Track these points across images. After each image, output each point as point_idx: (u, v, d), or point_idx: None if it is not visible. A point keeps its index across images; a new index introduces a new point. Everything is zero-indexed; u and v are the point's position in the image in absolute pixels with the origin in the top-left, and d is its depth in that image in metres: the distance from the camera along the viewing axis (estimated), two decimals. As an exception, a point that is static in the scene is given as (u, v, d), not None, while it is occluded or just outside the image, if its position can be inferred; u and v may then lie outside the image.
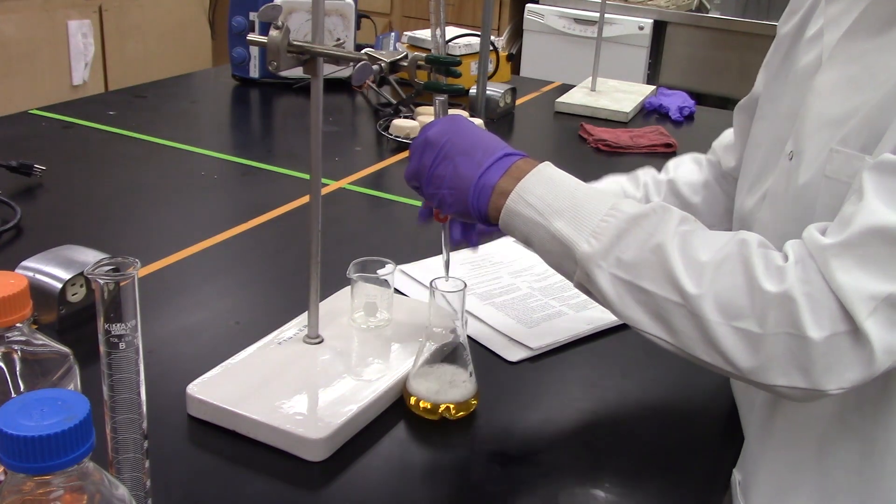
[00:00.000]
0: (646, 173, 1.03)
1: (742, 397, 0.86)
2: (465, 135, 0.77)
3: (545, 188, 0.73)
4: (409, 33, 2.05)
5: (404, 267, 1.11)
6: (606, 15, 2.24)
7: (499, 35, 3.45)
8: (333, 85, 1.87)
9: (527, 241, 0.75)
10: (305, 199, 1.07)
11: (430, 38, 0.82)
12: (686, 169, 1.04)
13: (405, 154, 1.53)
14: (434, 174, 0.77)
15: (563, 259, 0.72)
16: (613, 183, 1.02)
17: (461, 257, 1.15)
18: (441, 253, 0.89)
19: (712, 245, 0.68)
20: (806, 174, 0.73)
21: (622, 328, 0.99)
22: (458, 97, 1.61)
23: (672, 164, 1.06)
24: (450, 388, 0.83)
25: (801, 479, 0.77)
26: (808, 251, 0.65)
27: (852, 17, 0.73)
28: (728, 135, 1.04)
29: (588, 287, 0.72)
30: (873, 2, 0.72)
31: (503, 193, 0.74)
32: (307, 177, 0.84)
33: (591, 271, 0.70)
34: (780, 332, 0.63)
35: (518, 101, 1.94)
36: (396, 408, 0.85)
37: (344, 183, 1.44)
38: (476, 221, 0.77)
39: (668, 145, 1.70)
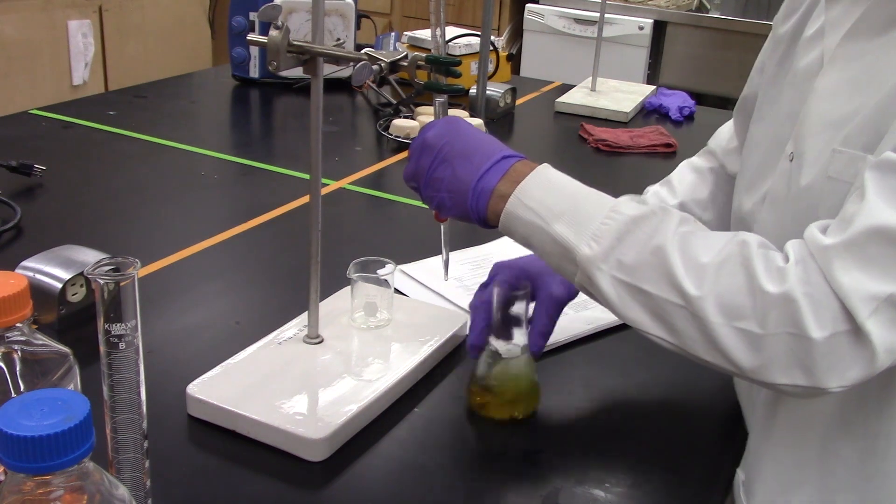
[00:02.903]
0: (654, 196, 1.01)
1: (745, 396, 0.86)
2: (463, 137, 0.77)
3: (544, 191, 0.73)
4: (409, 33, 2.05)
5: (404, 267, 1.11)
6: (606, 15, 2.24)
7: (499, 35, 3.45)
8: (333, 85, 1.87)
9: (527, 244, 0.75)
10: (305, 199, 1.07)
11: (430, 38, 0.82)
12: (690, 184, 1.01)
13: (405, 154, 1.53)
14: (432, 177, 0.77)
15: (563, 261, 0.73)
16: None
17: (461, 257, 1.16)
18: (440, 253, 0.89)
19: (712, 246, 0.68)
20: (808, 176, 0.73)
21: (622, 328, 0.99)
22: (458, 97, 1.61)
23: (676, 179, 1.02)
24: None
25: (804, 476, 0.77)
26: (808, 251, 0.65)
27: (853, 19, 0.73)
28: (725, 136, 1.03)
29: (589, 289, 0.72)
30: (874, 3, 0.72)
31: (502, 197, 0.74)
32: (307, 177, 0.84)
33: (592, 274, 0.70)
34: (782, 332, 0.64)
35: (518, 101, 1.94)
36: (396, 408, 0.85)
37: (344, 183, 1.44)
38: (475, 224, 0.77)
39: (668, 145, 1.70)
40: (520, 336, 0.84)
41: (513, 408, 0.84)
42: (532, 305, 0.89)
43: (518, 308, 0.83)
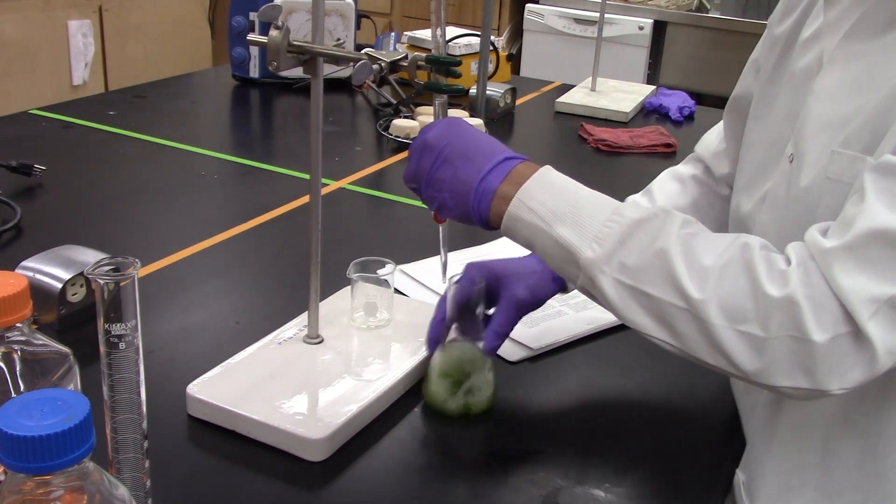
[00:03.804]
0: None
1: (743, 399, 0.86)
2: (464, 138, 0.77)
3: (547, 193, 0.73)
4: (409, 33, 2.05)
5: (404, 267, 1.11)
6: (606, 15, 2.24)
7: (499, 35, 3.45)
8: (333, 85, 1.87)
9: (529, 246, 0.75)
10: (305, 199, 1.07)
11: (430, 38, 0.82)
12: (670, 192, 1.00)
13: (405, 154, 1.53)
14: (433, 178, 0.77)
15: (565, 264, 0.73)
16: None
17: (460, 257, 1.15)
18: (440, 253, 0.89)
19: (715, 249, 0.68)
20: (808, 177, 0.73)
21: (622, 328, 0.99)
22: (458, 97, 1.61)
23: (656, 188, 1.02)
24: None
25: (806, 477, 0.77)
26: (809, 254, 0.65)
27: (852, 20, 0.73)
28: (713, 139, 1.02)
29: (592, 291, 0.72)
30: (873, 4, 0.72)
31: (505, 199, 0.74)
32: (307, 177, 0.84)
33: (595, 276, 0.70)
34: (784, 335, 0.64)
35: (518, 101, 1.94)
36: (396, 408, 0.85)
37: (344, 183, 1.44)
38: (476, 225, 0.77)
39: (668, 145, 1.70)
40: (478, 333, 0.85)
41: (460, 403, 0.84)
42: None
43: (478, 306, 0.84)
